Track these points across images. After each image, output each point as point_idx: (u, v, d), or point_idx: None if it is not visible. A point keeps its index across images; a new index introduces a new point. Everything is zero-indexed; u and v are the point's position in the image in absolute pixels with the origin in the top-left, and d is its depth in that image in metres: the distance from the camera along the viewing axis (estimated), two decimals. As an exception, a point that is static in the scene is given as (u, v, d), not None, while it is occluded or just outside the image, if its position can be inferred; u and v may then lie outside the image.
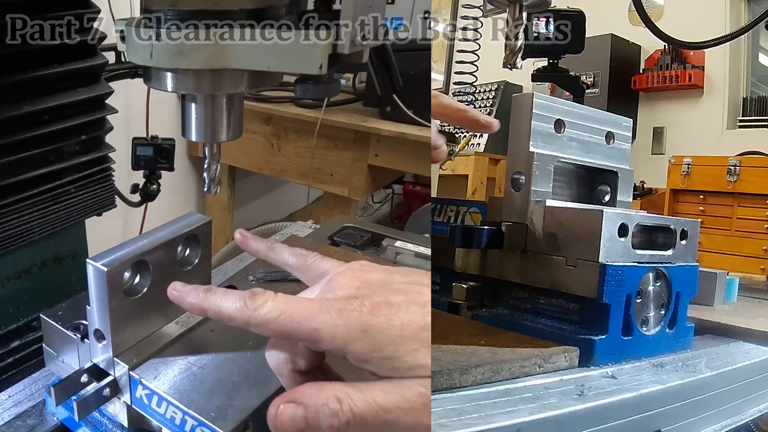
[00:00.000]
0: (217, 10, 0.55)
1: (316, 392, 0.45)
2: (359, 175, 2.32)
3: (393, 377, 0.45)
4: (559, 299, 0.72)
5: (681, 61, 3.86)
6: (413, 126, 2.12)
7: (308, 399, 0.44)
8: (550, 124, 0.75)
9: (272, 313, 0.46)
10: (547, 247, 0.71)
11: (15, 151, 0.75)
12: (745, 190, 2.70)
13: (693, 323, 0.79)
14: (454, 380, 0.57)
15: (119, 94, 0.91)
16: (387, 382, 0.45)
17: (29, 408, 0.63)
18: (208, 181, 0.69)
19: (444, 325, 0.73)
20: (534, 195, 0.73)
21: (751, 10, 3.72)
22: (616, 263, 0.67)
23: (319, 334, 0.45)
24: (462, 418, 0.50)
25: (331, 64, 0.55)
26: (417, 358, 0.44)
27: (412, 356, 0.44)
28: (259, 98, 2.40)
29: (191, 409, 0.50)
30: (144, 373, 0.54)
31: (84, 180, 0.86)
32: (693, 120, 3.90)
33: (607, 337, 0.68)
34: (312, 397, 0.44)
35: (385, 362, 0.44)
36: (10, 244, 0.78)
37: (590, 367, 0.67)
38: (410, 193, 3.97)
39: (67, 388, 0.54)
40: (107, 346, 0.54)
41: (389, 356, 0.44)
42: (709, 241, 2.73)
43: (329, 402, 0.44)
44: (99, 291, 0.52)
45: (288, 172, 2.49)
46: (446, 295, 0.82)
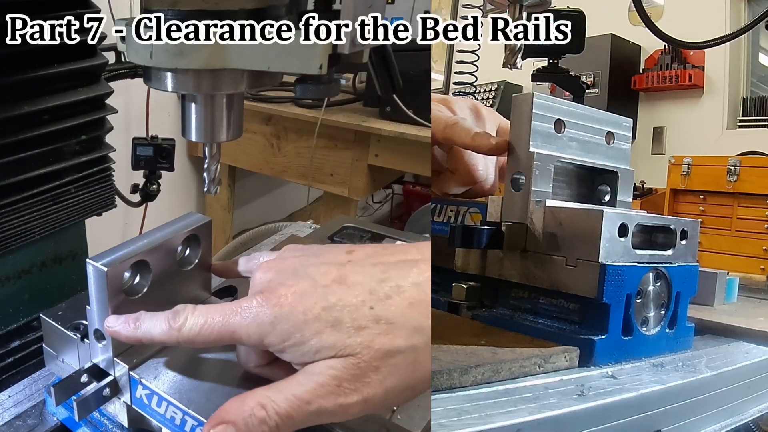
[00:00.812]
0: (217, 10, 0.55)
1: (240, 405, 0.45)
2: (359, 175, 2.32)
3: (306, 363, 0.45)
4: (559, 299, 0.72)
5: (681, 61, 3.86)
6: (413, 126, 2.12)
7: (234, 415, 0.45)
8: (550, 124, 0.75)
9: (194, 328, 0.48)
10: (547, 247, 0.71)
11: (15, 151, 0.75)
12: (745, 190, 2.70)
13: (693, 323, 0.79)
14: (454, 380, 0.57)
15: (119, 94, 0.91)
16: (301, 374, 0.46)
17: (29, 408, 0.63)
18: (208, 181, 0.69)
19: (444, 325, 0.73)
20: (534, 195, 0.73)
21: (751, 10, 3.72)
22: (616, 263, 0.67)
23: (238, 335, 0.47)
24: (462, 418, 0.50)
25: (331, 64, 0.55)
26: (322, 340, 0.45)
27: (317, 338, 0.45)
28: (259, 98, 2.40)
29: (191, 409, 0.50)
30: (144, 373, 0.54)
31: (84, 180, 0.86)
32: (693, 120, 3.90)
33: (607, 337, 0.68)
34: (238, 412, 0.45)
35: (295, 349, 0.45)
36: (10, 244, 0.78)
37: (590, 367, 0.67)
38: (410, 193, 3.98)
39: (67, 388, 0.54)
40: (107, 346, 0.54)
41: (297, 342, 0.45)
42: (709, 241, 2.73)
43: (255, 411, 0.44)
44: (99, 291, 0.52)
45: (288, 172, 2.49)
46: (446, 295, 0.82)
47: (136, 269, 0.56)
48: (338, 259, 0.49)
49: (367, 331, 0.45)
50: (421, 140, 2.09)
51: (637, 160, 3.67)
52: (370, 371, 0.44)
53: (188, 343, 0.49)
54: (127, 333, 0.51)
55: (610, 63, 3.91)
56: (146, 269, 0.56)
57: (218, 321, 0.47)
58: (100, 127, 0.87)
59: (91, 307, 0.53)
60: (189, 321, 0.48)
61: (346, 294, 0.46)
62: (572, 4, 1.53)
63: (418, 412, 0.69)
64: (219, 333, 0.47)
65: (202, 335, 0.48)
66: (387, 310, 0.45)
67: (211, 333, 0.48)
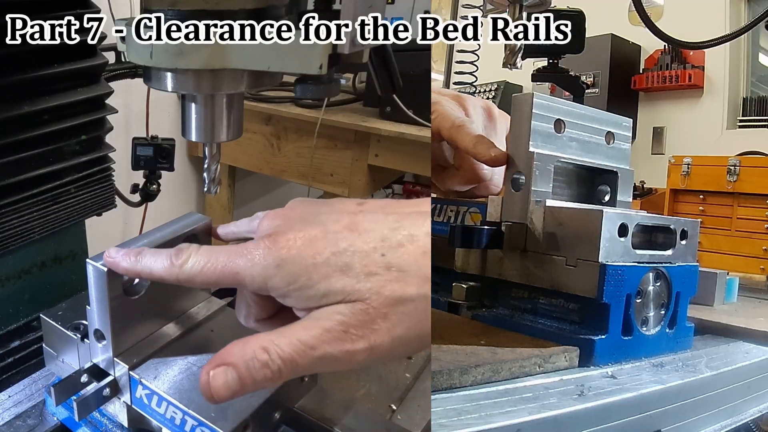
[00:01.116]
0: (217, 10, 0.55)
1: (242, 348, 0.44)
2: (359, 175, 2.32)
3: (311, 308, 0.45)
4: (559, 299, 0.72)
5: (681, 61, 3.86)
6: (413, 126, 2.12)
7: (236, 357, 0.44)
8: (550, 124, 0.75)
9: (196, 266, 0.47)
10: (547, 247, 0.71)
11: (15, 151, 0.75)
12: (745, 190, 2.70)
13: (693, 323, 0.79)
14: (454, 380, 0.57)
15: (119, 94, 0.91)
16: (307, 319, 0.45)
17: (29, 408, 0.63)
18: (208, 181, 0.69)
19: (444, 325, 0.73)
20: (534, 195, 0.73)
21: (751, 10, 3.73)
22: (616, 263, 0.67)
23: (240, 277, 0.46)
24: (462, 418, 0.50)
25: (331, 64, 0.55)
26: (330, 284, 0.44)
27: (324, 282, 0.44)
28: (259, 98, 2.40)
29: (191, 409, 0.50)
30: (144, 373, 0.54)
31: (84, 180, 0.86)
32: (693, 120, 3.91)
33: (607, 337, 0.68)
34: (239, 355, 0.44)
35: (301, 293, 0.45)
36: (10, 244, 0.78)
37: (590, 367, 0.67)
38: (410, 193, 3.98)
39: (67, 388, 0.54)
40: (107, 346, 0.54)
41: (303, 286, 0.44)
42: (709, 241, 2.73)
43: (257, 354, 0.43)
44: (99, 291, 0.52)
45: (288, 172, 2.49)
46: (446, 295, 0.82)
47: (136, 269, 0.55)
48: (350, 209, 0.48)
49: (377, 277, 0.44)
50: (421, 140, 2.08)
51: (637, 160, 3.67)
52: (379, 318, 0.43)
53: (188, 281, 0.48)
54: (126, 265, 0.50)
55: (610, 63, 3.91)
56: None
57: (222, 261, 0.46)
58: (100, 127, 0.87)
59: (91, 307, 0.53)
60: (191, 259, 0.47)
61: (357, 240, 0.45)
62: (572, 4, 1.53)
63: (418, 412, 0.69)
64: (221, 273, 0.46)
65: (203, 274, 0.47)
66: (399, 258, 0.44)
67: (213, 273, 0.46)
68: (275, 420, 0.55)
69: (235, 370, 0.44)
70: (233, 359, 0.44)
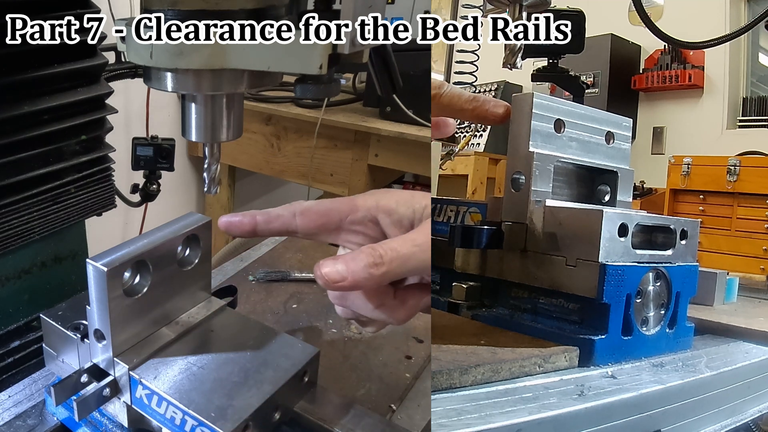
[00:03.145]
0: (217, 10, 0.55)
1: (351, 252, 0.53)
2: (359, 175, 2.31)
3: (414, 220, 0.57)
4: (559, 299, 0.72)
5: (681, 61, 3.86)
6: (413, 126, 2.11)
7: (344, 256, 0.53)
8: (550, 124, 0.75)
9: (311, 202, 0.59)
10: (546, 246, 0.71)
11: (15, 151, 0.75)
12: (745, 190, 2.70)
13: (693, 323, 0.79)
14: (454, 380, 0.57)
15: (119, 94, 0.91)
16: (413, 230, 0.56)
17: (29, 408, 0.63)
18: (208, 181, 0.69)
19: (444, 325, 0.73)
20: (534, 195, 0.73)
21: (751, 10, 3.73)
22: (616, 263, 0.67)
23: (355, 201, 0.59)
24: (462, 418, 0.50)
25: (331, 64, 0.55)
26: (428, 198, 0.58)
27: (423, 197, 0.57)
28: (259, 98, 2.40)
29: (191, 409, 0.50)
30: (144, 373, 0.54)
31: (84, 180, 0.86)
32: (693, 120, 3.91)
33: (607, 337, 0.68)
34: (348, 254, 0.53)
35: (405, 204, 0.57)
36: (10, 244, 0.78)
37: (590, 367, 0.67)
38: (410, 194, 3.97)
39: (67, 388, 0.54)
40: (107, 346, 0.54)
41: (405, 198, 0.58)
42: (709, 241, 2.73)
43: (363, 249, 0.52)
44: (99, 291, 0.52)
45: (288, 172, 2.49)
46: (446, 294, 0.82)
47: (136, 269, 0.56)
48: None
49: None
50: (421, 140, 2.08)
51: (637, 160, 3.67)
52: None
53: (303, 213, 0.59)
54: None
55: (610, 63, 3.91)
56: (146, 269, 0.56)
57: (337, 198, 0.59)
58: (100, 127, 0.87)
59: (91, 307, 0.53)
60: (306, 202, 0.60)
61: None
62: (572, 4, 1.53)
63: (418, 412, 0.69)
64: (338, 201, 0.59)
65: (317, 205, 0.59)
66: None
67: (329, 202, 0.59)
68: (275, 420, 0.55)
69: (343, 261, 0.52)
70: (341, 257, 0.52)
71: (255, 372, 0.55)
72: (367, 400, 0.70)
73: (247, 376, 0.55)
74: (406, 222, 0.57)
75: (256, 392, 0.53)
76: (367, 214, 0.58)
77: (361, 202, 0.58)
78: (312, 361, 0.58)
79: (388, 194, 0.59)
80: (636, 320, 0.71)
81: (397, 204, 0.57)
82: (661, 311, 0.74)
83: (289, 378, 0.55)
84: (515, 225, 0.74)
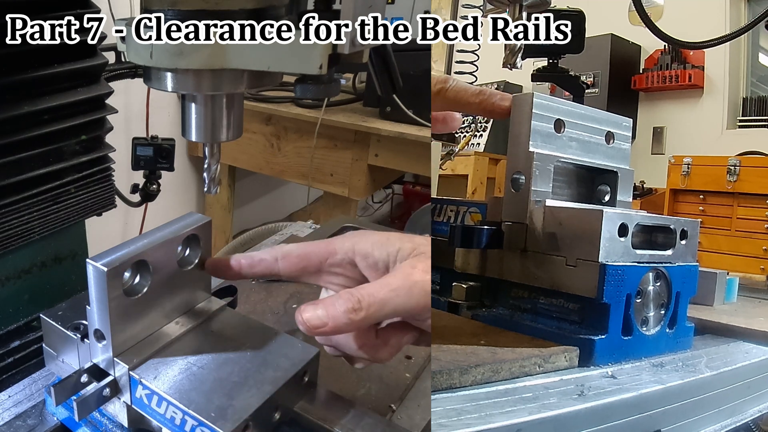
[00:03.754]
0: (217, 10, 0.55)
1: (330, 296, 0.55)
2: (359, 175, 2.32)
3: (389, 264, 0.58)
4: (559, 299, 0.72)
5: (681, 61, 3.86)
6: (413, 126, 2.12)
7: (324, 300, 0.55)
8: (550, 124, 0.75)
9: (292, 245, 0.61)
10: (547, 246, 0.71)
11: (15, 151, 0.75)
12: (745, 190, 2.70)
13: (693, 323, 0.79)
14: (454, 380, 0.57)
15: (119, 94, 0.91)
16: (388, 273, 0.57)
17: (29, 408, 0.63)
18: (208, 181, 0.69)
19: (444, 325, 0.73)
20: (534, 195, 0.73)
21: (751, 10, 3.73)
22: (616, 263, 0.67)
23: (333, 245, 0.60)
24: (462, 418, 0.50)
25: (331, 64, 0.55)
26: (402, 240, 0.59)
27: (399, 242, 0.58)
28: (259, 98, 2.40)
29: (191, 409, 0.50)
30: (144, 373, 0.54)
31: (84, 180, 0.86)
32: (693, 120, 3.90)
33: (607, 337, 0.68)
34: (327, 299, 0.55)
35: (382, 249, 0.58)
36: (10, 244, 0.78)
37: (590, 367, 0.67)
38: (410, 193, 3.98)
39: (67, 388, 0.54)
40: (107, 346, 0.54)
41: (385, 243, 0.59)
42: (709, 241, 2.73)
43: (341, 294, 0.54)
44: (99, 291, 0.52)
45: (288, 172, 2.49)
46: (446, 294, 0.82)
47: (136, 269, 0.56)
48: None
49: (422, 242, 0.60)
50: (421, 140, 2.08)
51: (637, 160, 3.67)
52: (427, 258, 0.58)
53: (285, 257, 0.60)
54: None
55: (610, 63, 3.91)
56: (146, 269, 0.56)
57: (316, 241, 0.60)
58: (100, 127, 0.87)
59: (91, 307, 0.53)
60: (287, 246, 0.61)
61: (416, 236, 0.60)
62: (572, 4, 1.53)
63: (418, 412, 0.69)
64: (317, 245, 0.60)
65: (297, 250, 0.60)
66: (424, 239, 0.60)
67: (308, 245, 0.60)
68: (275, 420, 0.55)
69: (323, 306, 0.54)
70: (321, 301, 0.54)
71: (255, 372, 0.55)
72: (367, 400, 0.70)
73: (247, 376, 0.55)
74: (381, 265, 0.58)
75: (256, 392, 0.53)
76: (345, 257, 0.59)
77: (339, 246, 0.60)
78: (312, 361, 0.58)
79: (365, 237, 0.60)
80: (636, 320, 0.71)
81: (372, 247, 0.59)
82: (661, 311, 0.74)
83: (289, 378, 0.55)
84: (515, 225, 0.74)
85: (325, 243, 0.60)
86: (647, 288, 0.72)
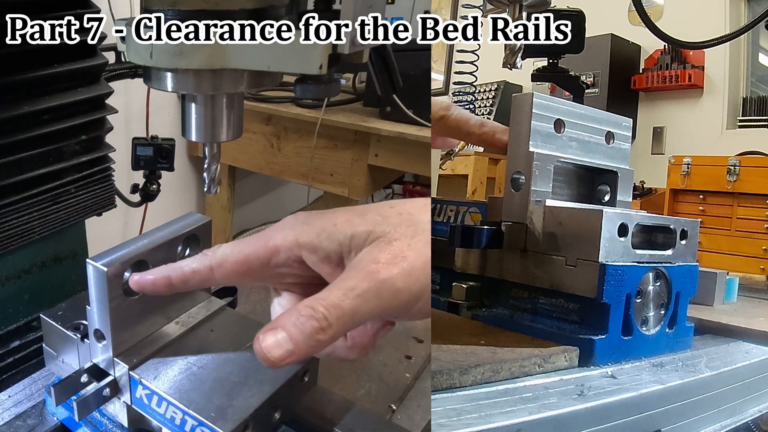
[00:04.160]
0: (217, 10, 0.55)
1: (288, 312, 0.47)
2: (359, 175, 2.31)
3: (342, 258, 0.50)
4: (558, 299, 0.72)
5: (681, 61, 3.86)
6: (413, 126, 2.12)
7: (283, 320, 0.47)
8: (550, 124, 0.75)
9: (227, 249, 0.52)
10: (546, 246, 0.71)
11: (15, 151, 0.75)
12: (745, 190, 2.71)
13: (693, 323, 0.79)
14: (454, 380, 0.57)
15: (119, 94, 0.91)
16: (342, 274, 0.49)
17: (29, 408, 0.63)
18: (208, 181, 0.69)
19: (444, 324, 0.73)
20: (534, 195, 0.73)
21: (751, 10, 3.73)
22: (616, 263, 0.67)
23: (272, 242, 0.51)
24: (462, 418, 0.50)
25: (331, 64, 0.55)
26: (354, 226, 0.50)
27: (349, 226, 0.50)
28: (259, 98, 2.40)
29: (191, 409, 0.50)
30: (144, 373, 0.54)
31: (84, 180, 0.86)
32: (693, 120, 3.91)
33: (606, 336, 0.68)
34: (286, 317, 0.47)
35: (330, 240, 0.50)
36: (10, 244, 0.78)
37: (590, 367, 0.67)
38: (410, 193, 3.98)
39: (67, 388, 0.54)
40: (107, 346, 0.54)
41: (332, 232, 0.50)
42: (709, 241, 2.73)
43: (301, 311, 0.46)
44: (99, 291, 0.52)
45: (288, 172, 2.49)
46: (446, 294, 0.82)
47: (136, 269, 0.55)
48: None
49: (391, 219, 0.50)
50: (421, 140, 2.08)
51: (637, 160, 3.67)
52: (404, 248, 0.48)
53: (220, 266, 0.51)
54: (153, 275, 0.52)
55: (610, 63, 3.91)
56: (146, 269, 0.56)
57: (252, 238, 0.52)
58: (100, 127, 0.87)
59: (91, 307, 0.53)
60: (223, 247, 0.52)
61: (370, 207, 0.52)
62: (572, 4, 1.53)
63: (418, 412, 0.69)
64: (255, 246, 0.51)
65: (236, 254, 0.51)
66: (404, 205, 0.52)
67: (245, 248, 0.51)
68: (275, 420, 0.55)
69: (284, 330, 0.46)
70: (280, 322, 0.47)
71: (255, 372, 0.55)
72: (367, 400, 0.70)
73: (247, 376, 0.55)
74: (334, 257, 0.50)
75: (256, 392, 0.53)
76: (290, 254, 0.51)
77: (280, 243, 0.51)
78: (312, 361, 0.58)
79: (307, 225, 0.51)
80: (636, 320, 0.71)
81: (319, 238, 0.50)
82: (661, 311, 0.74)
83: (289, 378, 0.55)
84: (515, 225, 0.74)
85: (264, 241, 0.51)
86: (647, 288, 0.72)
